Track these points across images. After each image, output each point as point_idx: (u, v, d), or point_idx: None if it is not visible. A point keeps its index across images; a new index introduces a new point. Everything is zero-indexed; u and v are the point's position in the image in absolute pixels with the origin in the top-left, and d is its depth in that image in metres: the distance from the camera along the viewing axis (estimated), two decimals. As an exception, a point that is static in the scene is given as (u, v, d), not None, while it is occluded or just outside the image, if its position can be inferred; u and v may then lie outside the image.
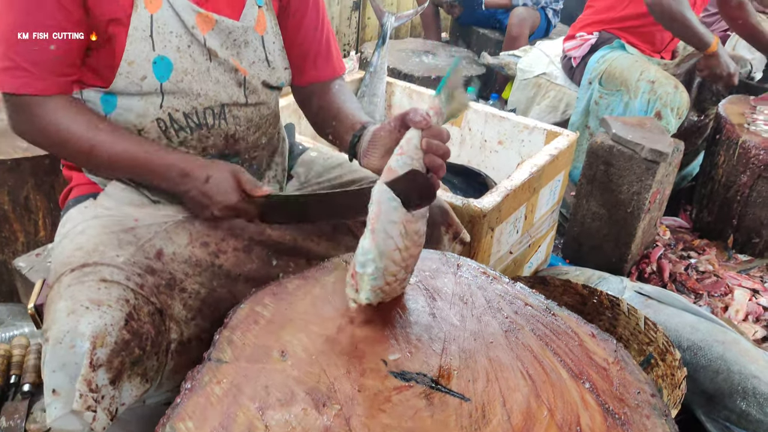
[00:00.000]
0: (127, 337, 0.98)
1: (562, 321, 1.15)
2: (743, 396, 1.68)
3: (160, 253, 1.17)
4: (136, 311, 1.02)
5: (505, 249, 1.98)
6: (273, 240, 1.32)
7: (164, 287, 1.13)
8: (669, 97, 2.65)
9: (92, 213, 1.21)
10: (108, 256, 1.09)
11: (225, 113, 1.28)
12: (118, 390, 0.96)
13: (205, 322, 1.17)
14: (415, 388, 0.98)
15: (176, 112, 1.22)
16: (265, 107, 1.35)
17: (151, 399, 1.12)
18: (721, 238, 2.70)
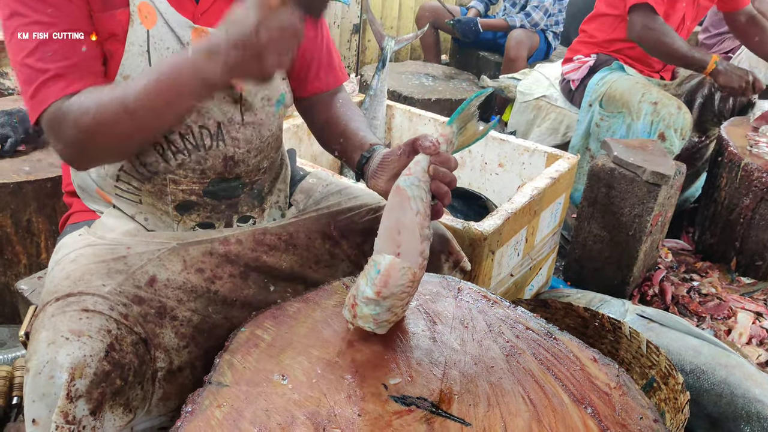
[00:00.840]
0: (108, 368, 0.97)
1: (564, 345, 1.15)
2: (747, 420, 1.67)
3: (152, 280, 1.16)
4: (118, 341, 1.01)
5: (505, 272, 1.98)
6: (269, 266, 1.31)
7: (153, 316, 1.12)
8: (672, 118, 2.66)
9: (85, 241, 1.21)
10: (94, 285, 1.08)
11: (222, 134, 1.26)
12: (99, 420, 0.96)
13: (199, 349, 1.16)
14: (416, 412, 0.97)
15: (172, 134, 1.21)
16: (264, 128, 1.33)
17: (139, 426, 1.10)
18: (724, 260, 2.69)
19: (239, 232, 1.31)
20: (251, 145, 1.31)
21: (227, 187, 1.31)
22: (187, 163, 1.25)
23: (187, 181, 1.27)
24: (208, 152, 1.26)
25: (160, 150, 1.22)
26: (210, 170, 1.28)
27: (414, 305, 1.23)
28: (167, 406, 1.11)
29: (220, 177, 1.29)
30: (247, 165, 1.32)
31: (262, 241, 1.32)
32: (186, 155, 1.24)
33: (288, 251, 1.35)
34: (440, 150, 1.10)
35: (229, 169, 1.30)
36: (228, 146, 1.27)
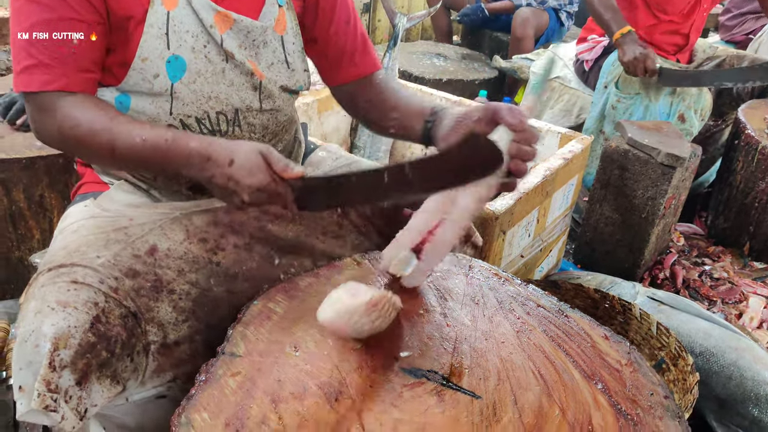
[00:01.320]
0: (93, 340, 0.98)
1: (575, 323, 1.15)
2: (756, 402, 1.67)
3: (153, 249, 1.16)
4: (104, 314, 1.02)
5: (516, 252, 1.98)
6: (275, 236, 1.30)
7: (148, 290, 1.11)
8: (692, 98, 2.62)
9: (89, 212, 1.21)
10: (88, 257, 1.09)
11: (239, 120, 1.25)
12: (85, 391, 0.97)
13: (200, 323, 1.16)
14: (427, 384, 0.98)
15: (188, 118, 1.20)
16: (281, 114, 1.32)
17: (135, 396, 1.11)
18: (736, 245, 2.67)
19: None
20: (267, 131, 1.31)
21: None
22: None
23: None
24: (224, 137, 1.25)
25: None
26: None
27: (425, 282, 1.24)
28: (162, 378, 1.12)
29: None
30: None
31: (268, 210, 1.31)
32: None
33: (294, 221, 1.33)
34: (526, 126, 1.02)
35: None
36: (244, 132, 1.27)
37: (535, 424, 0.92)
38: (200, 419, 0.90)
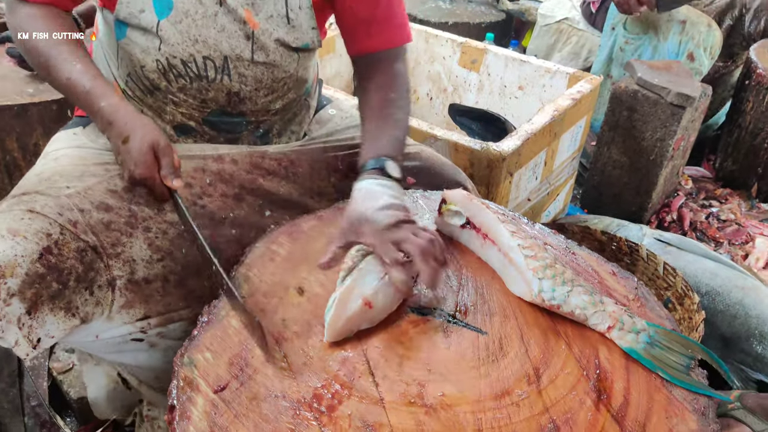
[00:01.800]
0: (41, 271, 0.97)
1: (583, 260, 1.14)
2: (760, 340, 1.67)
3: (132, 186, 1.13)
4: (57, 246, 1.00)
5: (523, 195, 1.96)
6: (266, 190, 1.26)
7: (121, 225, 1.09)
8: (702, 36, 2.54)
9: (77, 142, 1.19)
10: (56, 187, 1.07)
11: (229, 68, 1.19)
12: (36, 321, 0.96)
13: (176, 264, 1.13)
14: (432, 322, 0.98)
15: (174, 59, 1.16)
16: (279, 70, 1.23)
17: (105, 333, 1.10)
18: (744, 187, 2.64)
19: (236, 152, 1.25)
20: (260, 84, 1.23)
21: (229, 121, 1.26)
22: (188, 90, 1.20)
23: (186, 105, 1.22)
24: (211, 84, 1.20)
25: (162, 69, 1.18)
26: (212, 101, 1.22)
27: (430, 224, 1.22)
28: (132, 315, 1.10)
29: (222, 110, 1.24)
30: (254, 104, 1.25)
31: (260, 165, 1.26)
32: (187, 81, 1.19)
33: (288, 178, 1.29)
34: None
35: (233, 104, 1.23)
36: (234, 82, 1.21)
37: (542, 359, 0.92)
38: (203, 359, 0.90)
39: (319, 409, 0.83)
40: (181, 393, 0.86)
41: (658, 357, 0.93)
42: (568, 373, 0.90)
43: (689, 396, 0.88)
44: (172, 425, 0.83)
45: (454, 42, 2.47)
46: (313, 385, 0.87)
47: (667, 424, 0.83)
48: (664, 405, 0.86)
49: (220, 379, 0.88)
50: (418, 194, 1.30)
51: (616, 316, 0.96)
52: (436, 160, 1.39)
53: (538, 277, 0.99)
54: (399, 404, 0.84)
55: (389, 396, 0.85)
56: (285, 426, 0.81)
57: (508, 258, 1.05)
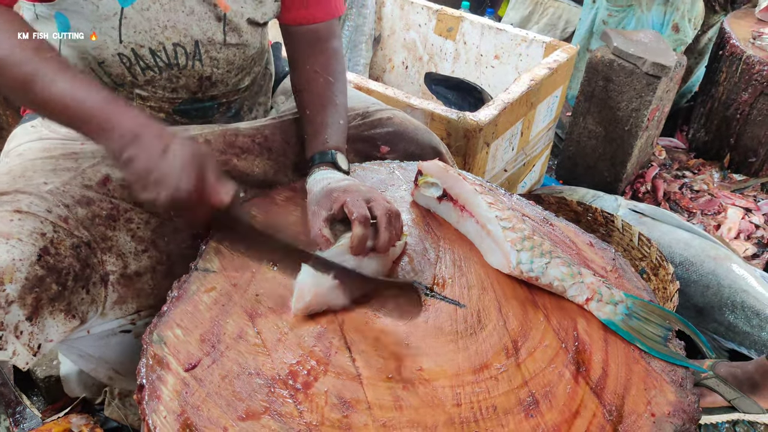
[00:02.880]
0: (41, 273, 0.91)
1: (560, 231, 1.13)
2: (732, 309, 1.69)
3: (105, 179, 1.06)
4: (53, 245, 0.95)
5: (500, 166, 1.94)
6: (240, 171, 1.21)
7: (104, 218, 1.04)
8: (686, 6, 2.53)
9: (37, 134, 1.11)
10: (34, 183, 1.00)
11: (200, 53, 1.12)
12: (37, 326, 0.91)
13: (160, 254, 1.09)
14: (410, 295, 0.96)
15: (141, 48, 1.08)
16: (249, 48, 1.19)
17: (97, 329, 1.06)
18: (717, 158, 2.67)
19: (208, 132, 1.19)
20: (232, 66, 1.18)
21: (200, 107, 1.20)
22: (157, 81, 1.13)
23: (156, 98, 1.15)
24: (182, 71, 1.13)
25: (127, 63, 1.09)
26: (182, 89, 1.16)
27: (407, 195, 1.19)
28: (124, 310, 1.07)
29: (193, 97, 1.18)
30: (225, 85, 1.20)
31: (234, 143, 1.21)
32: (156, 72, 1.11)
33: (262, 155, 1.24)
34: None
35: (204, 89, 1.18)
36: (206, 66, 1.15)
37: (520, 331, 0.91)
38: (173, 335, 0.87)
39: (294, 386, 0.81)
40: (150, 372, 0.83)
41: (636, 328, 0.92)
42: (546, 345, 0.89)
43: (667, 367, 0.88)
44: (142, 405, 0.80)
45: (430, 9, 2.42)
46: (288, 362, 0.84)
47: (646, 396, 0.83)
48: (642, 377, 0.86)
49: (191, 356, 0.85)
50: (394, 165, 1.27)
51: (594, 288, 0.95)
52: (409, 125, 1.36)
53: (517, 249, 0.98)
54: (376, 380, 0.82)
55: (366, 371, 0.83)
56: (259, 404, 0.79)
57: (486, 230, 1.03)
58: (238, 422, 0.76)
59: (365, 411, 0.78)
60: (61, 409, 1.45)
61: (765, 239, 2.14)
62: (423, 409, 0.79)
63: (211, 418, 0.77)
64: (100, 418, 1.43)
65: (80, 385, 1.47)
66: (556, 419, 0.79)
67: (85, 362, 1.23)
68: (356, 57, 2.54)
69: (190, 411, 0.77)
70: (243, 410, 0.78)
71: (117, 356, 1.17)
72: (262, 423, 0.76)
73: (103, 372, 1.24)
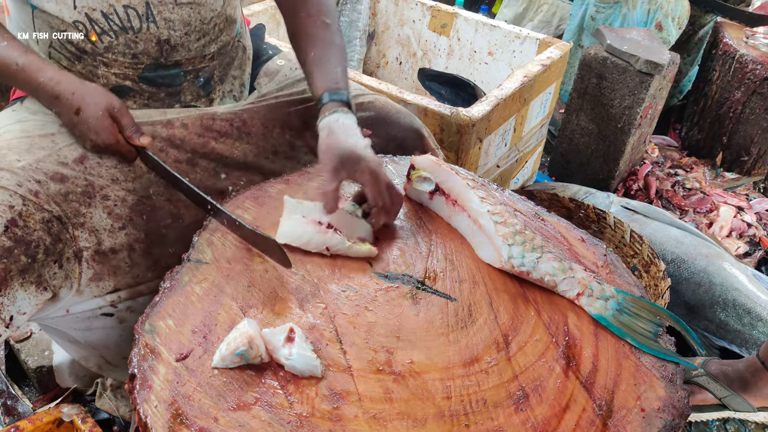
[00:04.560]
0: (9, 244, 0.93)
1: (552, 226, 1.13)
2: (723, 307, 1.70)
3: (82, 158, 1.07)
4: (21, 218, 0.96)
5: (492, 162, 1.95)
6: (219, 154, 1.21)
7: (79, 195, 1.05)
8: (670, 5, 2.54)
9: (17, 116, 1.12)
10: (7, 160, 1.02)
11: (153, 14, 1.11)
12: (7, 297, 0.93)
13: (139, 231, 1.10)
14: (401, 288, 0.96)
15: (93, 12, 1.08)
16: (205, 9, 1.16)
17: (75, 308, 1.07)
18: (710, 156, 2.68)
19: (185, 116, 1.19)
20: (190, 28, 1.16)
21: (165, 74, 1.18)
22: (116, 46, 1.12)
23: (118, 65, 1.14)
24: (138, 35, 1.12)
25: (83, 30, 1.09)
26: (143, 55, 1.14)
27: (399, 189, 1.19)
28: (101, 288, 1.07)
29: (156, 63, 1.16)
30: (188, 50, 1.18)
31: (211, 127, 1.21)
32: (112, 37, 1.11)
33: (241, 139, 1.24)
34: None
35: (166, 54, 1.16)
36: (161, 29, 1.13)
37: (511, 325, 0.91)
38: (165, 326, 0.87)
39: (285, 377, 0.81)
40: (142, 361, 0.83)
41: (626, 324, 0.93)
42: (537, 339, 0.89)
43: (657, 363, 0.88)
44: (133, 394, 0.80)
45: (424, 5, 2.42)
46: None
47: (636, 391, 0.84)
48: (632, 372, 0.86)
49: (182, 346, 0.85)
50: (386, 159, 1.27)
51: (585, 283, 0.95)
52: (391, 109, 1.36)
53: (508, 243, 0.98)
54: (367, 372, 0.83)
55: (357, 363, 0.84)
56: (250, 395, 0.79)
57: (478, 224, 1.03)
58: (228, 413, 0.76)
59: (356, 403, 0.79)
60: (52, 400, 1.45)
61: (757, 238, 2.16)
62: (413, 401, 0.79)
63: (202, 408, 0.77)
64: (91, 409, 1.43)
65: (72, 375, 1.47)
66: (545, 413, 0.80)
67: (76, 349, 1.23)
68: (350, 52, 2.53)
69: (181, 401, 0.77)
70: (234, 401, 0.78)
71: (102, 342, 1.17)
72: (253, 414, 0.76)
73: (93, 360, 1.24)
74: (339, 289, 0.95)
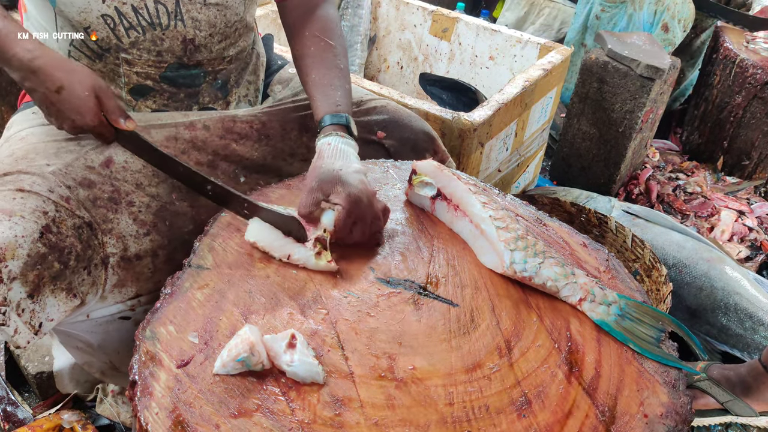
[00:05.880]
0: (43, 251, 0.92)
1: (554, 231, 1.13)
2: (725, 311, 1.70)
3: (108, 161, 1.08)
4: (55, 224, 0.96)
5: (494, 166, 1.95)
6: (239, 155, 1.23)
7: (105, 200, 1.05)
8: (677, 7, 2.54)
9: (38, 120, 1.12)
10: (37, 164, 1.02)
11: (181, 12, 1.13)
12: (38, 304, 0.92)
13: (162, 238, 1.10)
14: (403, 293, 0.96)
15: (124, 5, 1.09)
16: (230, 12, 1.19)
17: (96, 313, 1.07)
18: (710, 160, 2.68)
19: (206, 118, 1.21)
20: (215, 29, 1.18)
21: (187, 74, 1.20)
22: (142, 42, 1.13)
23: (141, 62, 1.15)
24: (165, 32, 1.14)
25: (111, 24, 1.10)
26: (167, 53, 1.16)
27: (401, 194, 1.19)
28: (124, 294, 1.08)
29: (179, 62, 1.18)
30: (210, 51, 1.20)
31: (232, 129, 1.23)
32: (140, 32, 1.12)
33: (260, 141, 1.26)
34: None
35: (189, 54, 1.18)
36: (188, 27, 1.15)
37: (513, 330, 0.91)
38: (166, 332, 0.87)
39: (286, 383, 0.81)
40: (143, 368, 0.83)
41: (629, 329, 0.92)
42: (539, 345, 0.89)
43: (660, 368, 0.88)
44: (134, 401, 0.80)
45: (425, 10, 2.42)
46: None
47: (638, 397, 0.83)
48: (635, 377, 0.86)
49: (183, 353, 0.84)
50: (389, 164, 1.27)
51: (587, 288, 0.95)
52: (403, 112, 1.39)
53: (510, 249, 0.98)
54: (369, 378, 0.82)
55: (359, 370, 0.83)
56: (252, 402, 0.78)
57: (480, 229, 1.03)
58: (230, 419, 0.76)
59: (357, 409, 0.78)
60: (52, 406, 1.44)
61: (758, 242, 2.15)
62: (415, 408, 0.79)
63: (204, 415, 0.76)
64: (92, 415, 1.42)
65: (72, 381, 1.47)
66: (548, 419, 0.79)
67: (81, 354, 1.23)
68: (351, 57, 2.54)
69: (182, 408, 0.77)
70: (235, 407, 0.77)
71: (115, 345, 1.17)
72: (254, 420, 0.76)
73: (97, 365, 1.23)
74: (341, 295, 0.94)
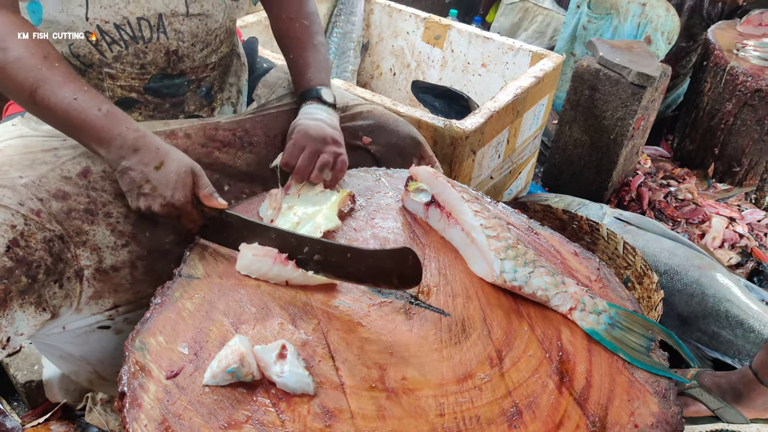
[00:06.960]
0: (10, 265, 0.91)
1: (545, 239, 1.13)
2: (716, 318, 1.70)
3: (86, 171, 1.06)
4: (23, 237, 0.94)
5: (486, 174, 1.95)
6: (223, 164, 1.22)
7: (81, 212, 1.03)
8: (660, 20, 2.57)
9: (18, 132, 1.11)
10: (9, 177, 1.00)
11: (164, 25, 1.13)
12: (5, 319, 0.91)
13: (141, 248, 1.08)
14: (394, 303, 0.96)
15: (106, 24, 1.08)
16: (212, 20, 1.19)
17: (72, 324, 1.06)
18: (701, 167, 2.69)
19: (188, 126, 1.20)
20: (197, 39, 1.18)
21: (171, 84, 1.20)
22: (125, 56, 1.13)
23: (125, 76, 1.15)
24: (148, 45, 1.13)
25: (93, 40, 1.09)
26: (151, 65, 1.15)
27: (393, 202, 1.19)
28: (101, 305, 1.06)
29: (162, 73, 1.17)
30: (192, 60, 1.20)
31: (214, 137, 1.22)
32: (122, 47, 1.12)
33: (244, 149, 1.25)
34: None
35: (173, 64, 1.17)
36: (171, 39, 1.15)
37: (504, 340, 0.91)
38: (155, 343, 0.86)
39: (276, 395, 0.80)
40: (132, 379, 0.82)
41: (619, 338, 0.92)
42: (530, 355, 0.89)
43: (650, 378, 0.88)
44: (123, 413, 0.79)
45: (418, 17, 2.43)
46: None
47: (629, 407, 0.83)
48: (625, 387, 0.86)
49: (173, 364, 0.84)
50: (381, 172, 1.27)
51: (577, 297, 0.95)
52: (389, 117, 1.39)
53: (500, 258, 0.98)
54: (360, 389, 0.82)
55: (350, 380, 0.83)
56: (242, 413, 0.78)
57: (471, 237, 1.03)
58: (219, 431, 0.76)
59: (348, 420, 0.78)
60: (41, 415, 1.43)
61: (749, 248, 2.16)
62: (406, 419, 0.79)
63: (193, 427, 0.76)
64: (81, 424, 1.41)
65: (62, 389, 1.46)
66: (539, 430, 0.79)
67: (66, 364, 1.22)
68: (344, 63, 2.54)
69: (171, 419, 0.77)
70: (225, 419, 0.77)
71: (98, 355, 1.16)
72: (244, 432, 0.76)
73: (84, 375, 1.22)
74: (332, 305, 0.94)
